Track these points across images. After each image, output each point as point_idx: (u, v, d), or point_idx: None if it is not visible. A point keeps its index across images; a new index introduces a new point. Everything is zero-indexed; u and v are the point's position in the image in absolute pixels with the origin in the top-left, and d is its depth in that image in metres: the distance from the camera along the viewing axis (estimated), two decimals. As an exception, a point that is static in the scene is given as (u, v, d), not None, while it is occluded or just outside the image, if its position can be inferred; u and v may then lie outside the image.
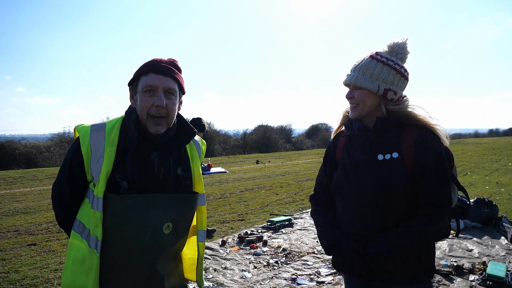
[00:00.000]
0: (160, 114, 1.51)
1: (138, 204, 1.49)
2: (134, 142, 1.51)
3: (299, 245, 5.39)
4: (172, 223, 1.56)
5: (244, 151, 31.23)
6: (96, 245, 1.47)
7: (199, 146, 1.78)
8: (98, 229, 1.46)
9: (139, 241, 1.51)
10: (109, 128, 1.54)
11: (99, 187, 1.46)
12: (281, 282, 4.08)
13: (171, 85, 1.53)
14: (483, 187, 10.50)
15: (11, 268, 4.64)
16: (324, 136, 41.06)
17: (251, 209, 8.11)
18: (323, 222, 1.84)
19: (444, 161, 1.61)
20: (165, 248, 1.57)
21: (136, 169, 1.52)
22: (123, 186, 1.48)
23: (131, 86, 1.59)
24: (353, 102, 1.71)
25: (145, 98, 1.50)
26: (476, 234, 5.73)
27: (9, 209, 8.19)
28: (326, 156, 1.94)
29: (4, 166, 18.47)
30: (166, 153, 1.60)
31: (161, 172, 1.57)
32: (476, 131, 67.67)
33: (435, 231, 1.61)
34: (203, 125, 5.32)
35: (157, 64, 1.53)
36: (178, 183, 1.62)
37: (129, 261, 1.52)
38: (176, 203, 1.57)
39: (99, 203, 1.46)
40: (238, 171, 15.73)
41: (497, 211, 6.27)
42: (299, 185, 11.54)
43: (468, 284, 3.95)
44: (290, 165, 18.60)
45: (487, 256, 4.82)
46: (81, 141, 1.50)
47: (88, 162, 1.50)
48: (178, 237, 1.63)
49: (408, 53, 1.71)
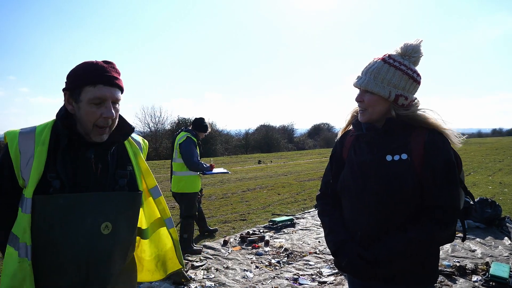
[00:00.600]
0: (107, 124, 1.47)
1: (70, 203, 1.41)
2: (64, 138, 1.45)
3: (301, 245, 5.38)
4: (111, 222, 1.49)
5: (246, 151, 31.23)
6: (26, 252, 1.38)
7: (139, 143, 1.74)
8: (27, 234, 1.38)
9: (74, 243, 1.43)
10: (39, 129, 1.48)
11: (28, 188, 1.38)
12: (283, 282, 4.07)
13: (118, 96, 1.49)
14: (486, 187, 10.46)
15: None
16: (326, 136, 41.00)
17: (253, 209, 8.11)
18: (330, 224, 1.82)
19: (454, 164, 1.58)
20: (106, 250, 1.49)
21: (70, 167, 1.46)
22: (54, 185, 1.41)
23: (67, 92, 1.48)
24: (362, 106, 1.67)
25: (92, 110, 1.43)
26: (479, 234, 5.70)
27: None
28: (332, 155, 1.91)
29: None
30: (104, 149, 1.54)
31: (99, 168, 1.51)
32: (479, 131, 67.48)
33: (444, 236, 1.58)
34: (205, 126, 5.30)
35: (103, 75, 1.45)
36: (116, 181, 1.55)
37: (66, 266, 1.44)
38: (114, 202, 1.51)
39: (27, 204, 1.38)
40: (240, 171, 15.73)
41: (500, 211, 6.24)
42: (301, 185, 11.53)
43: (471, 284, 3.93)
44: (292, 165, 18.59)
45: (490, 256, 4.80)
46: (9, 145, 1.44)
47: (17, 165, 1.42)
48: (120, 237, 1.54)
49: (422, 56, 1.66)
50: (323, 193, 1.95)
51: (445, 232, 1.57)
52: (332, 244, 1.75)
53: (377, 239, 1.62)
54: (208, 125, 5.41)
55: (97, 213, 1.46)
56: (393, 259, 1.56)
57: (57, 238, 1.42)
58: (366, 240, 1.65)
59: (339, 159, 1.86)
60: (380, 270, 1.58)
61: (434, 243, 1.59)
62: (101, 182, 1.51)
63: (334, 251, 1.73)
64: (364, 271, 1.60)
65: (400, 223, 1.60)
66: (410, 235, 1.55)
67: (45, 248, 1.42)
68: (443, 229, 1.55)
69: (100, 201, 1.47)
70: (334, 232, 1.77)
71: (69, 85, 1.47)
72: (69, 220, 1.42)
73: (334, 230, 1.77)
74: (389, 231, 1.61)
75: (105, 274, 1.51)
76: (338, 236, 1.74)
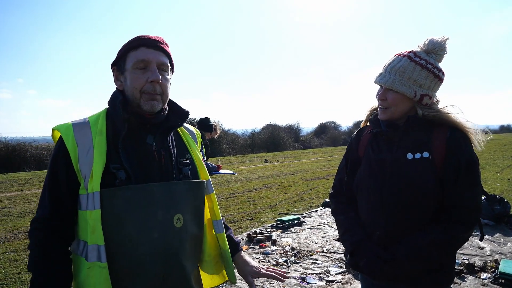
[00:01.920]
0: (155, 91, 1.35)
1: (140, 195, 1.28)
2: (124, 125, 1.33)
3: (308, 244, 5.37)
4: (182, 215, 1.36)
5: (253, 150, 31.25)
6: (99, 254, 1.24)
7: (192, 132, 1.62)
8: (96, 233, 1.23)
9: (147, 240, 1.29)
10: (93, 119, 1.37)
11: (93, 181, 1.25)
12: (291, 281, 4.07)
13: (164, 60, 1.39)
14: (495, 184, 10.37)
15: (23, 269, 4.70)
16: (333, 135, 40.88)
17: (259, 208, 8.12)
18: (345, 223, 1.76)
19: (476, 164, 1.55)
20: (181, 246, 1.36)
21: (133, 156, 1.33)
22: (120, 176, 1.28)
23: (115, 67, 1.41)
24: (385, 105, 1.62)
25: (137, 75, 1.34)
26: (488, 231, 5.66)
27: (20, 210, 8.30)
28: (348, 152, 1.85)
29: (16, 168, 18.75)
30: (163, 135, 1.43)
31: (162, 156, 1.39)
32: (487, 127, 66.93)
33: (466, 237, 1.55)
34: (211, 125, 5.32)
35: (145, 38, 1.38)
36: (180, 170, 1.43)
37: (141, 266, 1.29)
38: (183, 192, 1.38)
39: (95, 200, 1.24)
40: (246, 171, 15.74)
41: (509, 208, 6.19)
42: (307, 184, 11.51)
43: (480, 282, 3.90)
44: (299, 164, 18.57)
45: (499, 254, 4.76)
46: (64, 137, 1.30)
47: (75, 158, 1.28)
48: (193, 231, 1.42)
49: (446, 54, 1.60)
50: (337, 191, 1.89)
51: (468, 233, 1.54)
52: (349, 244, 1.68)
53: (396, 240, 1.58)
54: (214, 125, 5.42)
55: (168, 205, 1.33)
56: (414, 260, 1.51)
57: (130, 234, 1.28)
58: (384, 240, 1.61)
59: (354, 156, 1.80)
60: (399, 271, 1.53)
61: (457, 244, 1.55)
62: (166, 171, 1.39)
63: (351, 251, 1.67)
64: (383, 272, 1.55)
65: (420, 223, 1.56)
66: (433, 235, 1.51)
67: (117, 247, 1.28)
68: (466, 230, 1.52)
69: (169, 191, 1.34)
70: (351, 231, 1.71)
71: (115, 59, 1.41)
72: (141, 213, 1.28)
73: (350, 229, 1.72)
74: (409, 231, 1.57)
75: (181, 275, 1.37)
76: (355, 236, 1.68)
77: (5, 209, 8.51)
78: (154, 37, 1.40)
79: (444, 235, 1.51)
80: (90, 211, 1.25)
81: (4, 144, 20.67)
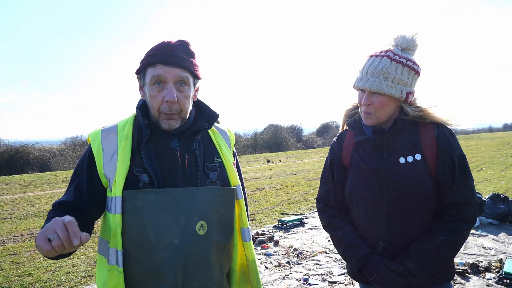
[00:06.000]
0: (172, 111, 1.32)
1: (162, 200, 1.27)
2: (147, 130, 1.34)
3: (310, 244, 5.34)
4: (206, 222, 1.32)
5: (255, 150, 31.23)
6: (117, 259, 1.25)
7: (225, 133, 1.57)
8: (117, 237, 1.25)
9: (169, 246, 1.27)
10: (121, 125, 1.40)
11: (116, 186, 1.27)
12: (293, 282, 4.04)
13: (183, 75, 1.33)
14: (499, 182, 10.30)
15: (25, 271, 4.69)
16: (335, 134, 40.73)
17: (262, 208, 8.09)
18: (344, 238, 1.66)
19: (465, 158, 1.54)
20: (204, 255, 1.33)
21: (155, 159, 1.34)
22: (143, 180, 1.29)
23: (138, 75, 1.41)
24: (370, 110, 1.56)
25: (154, 93, 1.32)
26: (492, 231, 5.62)
27: (23, 212, 8.30)
28: (331, 161, 1.76)
29: (19, 170, 18.80)
30: (188, 139, 1.40)
31: (186, 160, 1.36)
32: (490, 126, 66.67)
33: (469, 233, 1.55)
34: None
35: (163, 53, 1.34)
36: (206, 174, 1.39)
37: (161, 272, 1.27)
38: (208, 198, 1.34)
39: (116, 204, 1.26)
40: (248, 171, 15.72)
41: (514, 207, 6.14)
42: (310, 184, 11.47)
43: (485, 282, 3.86)
44: (301, 164, 18.53)
45: (504, 253, 4.72)
46: (92, 143, 1.37)
47: (100, 162, 1.32)
48: (216, 240, 1.36)
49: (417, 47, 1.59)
50: (325, 204, 1.78)
51: (470, 229, 1.54)
52: (355, 261, 1.60)
53: (401, 246, 1.55)
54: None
55: (191, 211, 1.30)
56: (426, 266, 1.49)
57: (150, 239, 1.26)
58: (390, 250, 1.57)
59: (340, 165, 1.73)
60: (412, 279, 1.49)
61: (463, 241, 1.54)
62: (190, 176, 1.36)
63: (359, 267, 1.59)
64: (395, 283, 1.51)
65: (424, 225, 1.54)
66: (440, 238, 1.49)
67: (137, 252, 1.28)
68: (470, 226, 1.53)
69: (193, 197, 1.31)
70: (353, 247, 1.63)
71: (138, 68, 1.39)
72: (162, 218, 1.27)
73: (353, 245, 1.63)
74: (414, 236, 1.54)
75: (202, 285, 1.33)
76: (360, 251, 1.60)
77: (8, 211, 8.52)
78: (175, 50, 1.35)
79: (451, 235, 1.50)
80: (113, 215, 1.27)
81: (7, 146, 20.77)
